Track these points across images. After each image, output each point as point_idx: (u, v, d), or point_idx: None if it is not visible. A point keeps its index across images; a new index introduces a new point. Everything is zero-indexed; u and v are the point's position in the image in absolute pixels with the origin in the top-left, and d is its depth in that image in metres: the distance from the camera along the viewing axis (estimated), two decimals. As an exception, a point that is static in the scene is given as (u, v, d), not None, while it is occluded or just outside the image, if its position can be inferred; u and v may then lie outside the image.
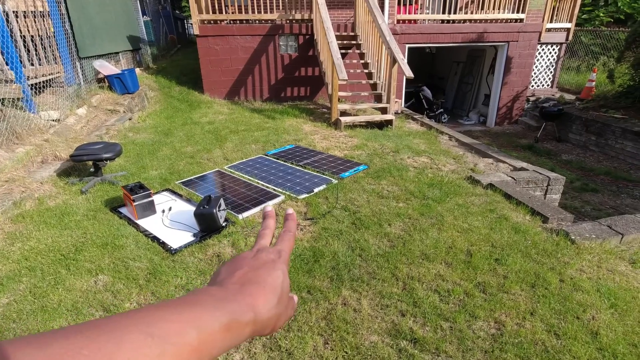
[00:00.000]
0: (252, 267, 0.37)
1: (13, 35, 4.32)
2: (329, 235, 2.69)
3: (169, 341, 0.26)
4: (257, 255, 0.39)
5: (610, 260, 2.51)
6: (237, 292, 0.33)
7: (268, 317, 0.34)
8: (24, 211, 2.97)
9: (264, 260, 0.38)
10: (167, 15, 12.85)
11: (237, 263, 0.37)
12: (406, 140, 5.02)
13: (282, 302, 0.36)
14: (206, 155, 4.37)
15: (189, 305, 0.29)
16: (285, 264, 0.39)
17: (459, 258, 2.47)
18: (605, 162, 6.72)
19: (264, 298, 0.34)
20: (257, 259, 0.38)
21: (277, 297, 0.35)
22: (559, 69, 8.89)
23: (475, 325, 1.94)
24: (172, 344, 0.26)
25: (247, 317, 0.32)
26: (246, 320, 0.32)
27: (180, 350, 0.26)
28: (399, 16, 7.44)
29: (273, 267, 0.37)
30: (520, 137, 8.04)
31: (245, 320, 0.32)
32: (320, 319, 1.97)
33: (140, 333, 0.25)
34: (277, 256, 0.39)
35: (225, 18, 6.77)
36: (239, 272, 0.36)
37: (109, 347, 0.23)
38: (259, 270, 0.36)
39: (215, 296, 0.32)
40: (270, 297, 0.35)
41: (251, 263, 0.37)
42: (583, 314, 2.01)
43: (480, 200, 3.31)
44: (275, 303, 0.35)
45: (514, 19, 7.76)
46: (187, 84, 7.68)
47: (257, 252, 0.39)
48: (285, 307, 0.37)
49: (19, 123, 4.00)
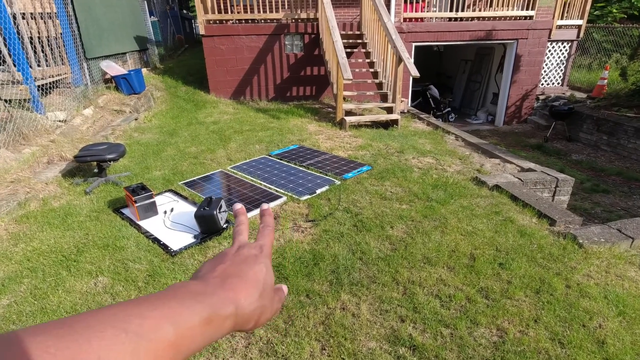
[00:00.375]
0: (234, 262, 0.37)
1: (20, 36, 4.37)
2: (329, 238, 2.66)
3: (144, 337, 0.25)
4: (238, 251, 0.39)
5: (620, 265, 2.44)
6: (217, 286, 0.33)
7: (250, 311, 0.34)
8: (28, 212, 3.00)
9: (246, 255, 0.38)
10: (174, 15, 12.93)
11: (219, 259, 0.37)
12: (411, 140, 4.96)
13: (265, 295, 0.36)
14: (210, 155, 4.37)
15: (167, 299, 0.29)
16: (268, 257, 0.39)
17: (462, 262, 2.42)
18: (617, 162, 6.56)
19: (246, 291, 0.34)
20: (238, 255, 0.38)
21: (259, 290, 0.35)
22: (569, 67, 8.70)
23: (476, 332, 1.89)
24: (147, 340, 0.25)
25: (227, 311, 0.31)
26: (227, 313, 0.31)
27: (156, 346, 0.26)
28: (405, 14, 7.36)
29: (255, 261, 0.37)
30: (529, 136, 7.90)
31: (226, 313, 0.31)
32: (318, 324, 1.94)
33: (114, 329, 0.24)
34: (259, 251, 0.39)
35: (231, 18, 6.77)
36: (220, 267, 0.36)
37: (78, 345, 0.23)
38: (241, 265, 0.36)
39: (194, 290, 0.31)
40: (252, 290, 0.34)
41: (233, 258, 0.37)
42: (589, 322, 1.95)
43: (485, 202, 3.24)
44: (258, 296, 0.34)
45: (523, 16, 7.61)
46: (193, 84, 7.71)
47: (239, 248, 0.39)
48: (270, 300, 0.36)
49: (25, 124, 4.04)
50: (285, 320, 1.96)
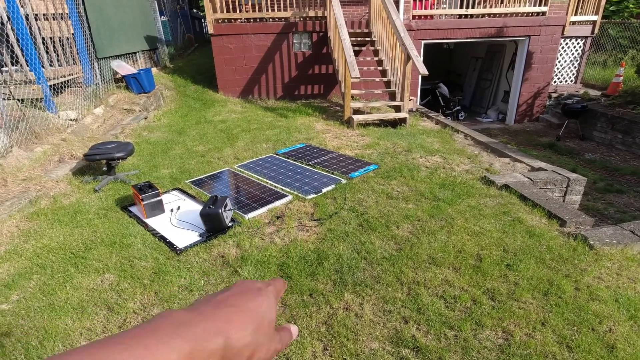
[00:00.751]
0: (234, 292, 0.34)
1: (33, 37, 4.45)
2: (334, 237, 2.65)
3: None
4: (244, 282, 0.36)
5: (632, 267, 2.38)
6: (206, 315, 0.30)
7: (241, 345, 0.30)
8: (39, 209, 3.05)
9: (249, 286, 0.35)
10: (184, 14, 13.03)
11: (224, 289, 0.35)
12: (419, 139, 4.91)
13: (261, 331, 0.32)
14: (217, 154, 4.40)
15: (142, 337, 0.26)
16: (273, 295, 0.36)
17: (468, 263, 2.38)
18: (632, 161, 6.39)
19: (239, 323, 0.31)
20: (241, 285, 0.35)
21: (255, 324, 0.32)
22: (583, 64, 8.51)
23: (481, 334, 1.86)
24: None
25: (214, 344, 0.28)
26: (213, 347, 0.28)
27: None
28: (414, 12, 7.28)
29: (257, 294, 0.34)
30: (540, 135, 7.75)
31: (212, 347, 0.28)
32: (320, 324, 1.93)
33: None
34: (265, 285, 0.37)
35: (240, 17, 6.80)
36: (220, 296, 0.33)
37: None
38: (241, 295, 0.34)
39: (177, 321, 0.28)
40: (247, 322, 0.31)
41: (235, 290, 0.34)
42: (599, 326, 1.90)
43: (493, 201, 3.19)
44: (252, 330, 0.31)
45: (535, 12, 7.46)
46: (202, 83, 7.77)
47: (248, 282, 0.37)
48: (268, 338, 0.33)
49: (38, 123, 4.12)
50: (287, 320, 1.96)
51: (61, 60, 5.05)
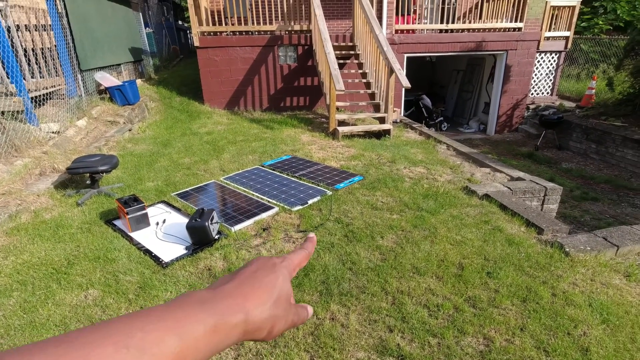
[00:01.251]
0: (250, 270, 0.36)
1: (15, 48, 4.40)
2: (320, 248, 2.69)
3: (147, 352, 0.25)
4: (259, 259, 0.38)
5: (605, 273, 2.49)
6: (226, 293, 0.32)
7: (261, 319, 0.33)
8: (19, 224, 2.99)
9: (264, 263, 0.37)
10: (170, 26, 13.05)
11: (241, 268, 0.37)
12: (403, 150, 5.02)
13: (279, 305, 0.35)
14: (203, 166, 4.40)
15: (171, 310, 0.28)
16: (288, 269, 0.38)
17: (450, 271, 2.45)
18: (605, 170, 6.67)
19: (257, 299, 0.33)
20: (258, 263, 0.38)
21: (272, 298, 0.34)
22: (558, 77, 8.88)
23: (463, 341, 1.91)
24: (150, 355, 0.25)
25: (236, 318, 0.31)
26: (235, 321, 0.31)
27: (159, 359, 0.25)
28: (397, 26, 7.50)
29: (272, 270, 0.37)
30: (520, 145, 8.02)
31: (234, 321, 0.30)
32: (307, 335, 1.96)
33: (114, 345, 0.24)
34: (281, 261, 0.39)
35: (226, 30, 6.87)
36: (237, 276, 0.35)
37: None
38: (257, 272, 0.36)
39: (201, 298, 0.31)
40: (265, 297, 0.34)
41: (252, 267, 0.37)
42: (574, 330, 1.98)
43: (475, 211, 3.29)
44: (271, 304, 0.34)
45: (512, 27, 7.79)
46: (187, 95, 7.76)
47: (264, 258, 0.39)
48: (285, 311, 0.35)
49: (18, 136, 4.05)
50: (274, 332, 1.98)
51: (43, 71, 5.00)
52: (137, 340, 0.25)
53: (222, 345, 0.30)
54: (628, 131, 6.57)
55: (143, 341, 0.25)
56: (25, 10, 4.76)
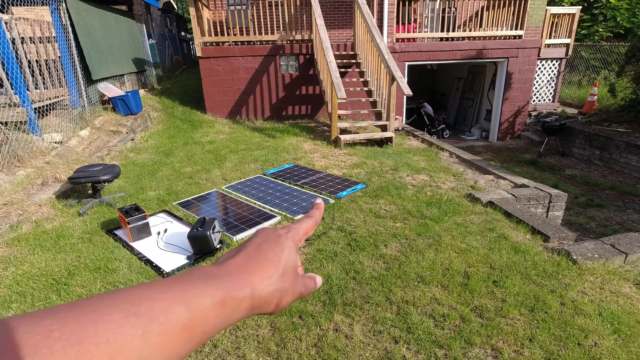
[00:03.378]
0: (256, 244, 0.36)
1: (19, 60, 4.45)
2: (323, 258, 2.65)
3: (155, 320, 0.25)
4: (264, 231, 0.38)
5: (614, 281, 2.43)
6: (232, 268, 0.32)
7: (268, 293, 0.32)
8: (20, 234, 2.98)
9: (269, 235, 0.37)
10: (172, 37, 13.20)
11: (246, 242, 0.36)
12: (406, 157, 5.00)
13: (285, 278, 0.34)
14: (205, 175, 4.39)
15: (178, 283, 0.28)
16: (293, 240, 0.38)
17: (456, 280, 2.40)
18: (610, 176, 6.61)
19: (263, 273, 0.33)
20: (263, 236, 0.37)
21: (278, 272, 0.34)
22: (559, 84, 8.89)
23: (471, 352, 1.87)
24: (159, 323, 0.25)
25: (242, 293, 0.30)
26: (242, 295, 0.30)
27: (168, 329, 0.25)
28: (398, 35, 7.55)
29: (277, 242, 0.36)
30: (523, 152, 7.98)
31: (241, 295, 0.30)
32: (310, 346, 1.91)
33: (123, 312, 0.24)
34: (286, 232, 0.38)
35: (228, 40, 6.93)
36: (243, 250, 0.35)
37: (83, 329, 0.22)
38: (262, 245, 0.35)
39: (208, 273, 0.31)
40: (271, 271, 0.33)
41: (257, 240, 0.36)
42: (585, 340, 1.93)
43: (479, 218, 3.25)
44: (277, 278, 0.33)
45: (512, 35, 7.82)
46: (190, 104, 7.80)
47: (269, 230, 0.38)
48: (291, 283, 0.35)
49: (21, 146, 4.06)
50: (277, 343, 1.94)
51: (47, 82, 5.04)
52: (145, 309, 0.25)
53: (231, 319, 0.30)
54: (632, 137, 6.53)
55: (151, 310, 0.25)
56: (30, 23, 4.82)
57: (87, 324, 0.22)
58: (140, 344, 0.23)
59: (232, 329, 2.03)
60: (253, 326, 2.05)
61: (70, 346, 0.21)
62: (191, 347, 0.27)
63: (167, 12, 13.89)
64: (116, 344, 0.22)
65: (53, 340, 0.21)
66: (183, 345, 0.26)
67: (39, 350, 0.20)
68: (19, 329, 0.21)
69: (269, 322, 2.08)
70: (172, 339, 0.25)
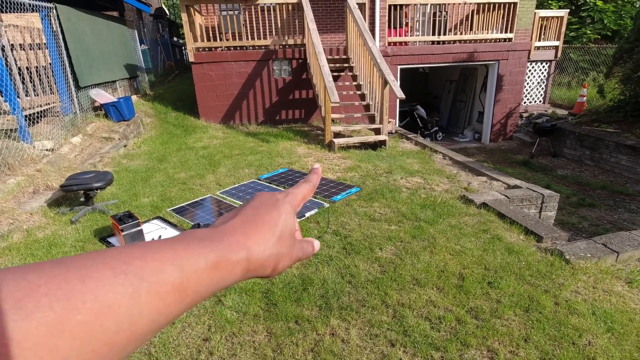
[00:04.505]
0: (252, 206, 0.35)
1: (9, 67, 4.41)
2: (318, 262, 2.65)
3: (146, 279, 0.24)
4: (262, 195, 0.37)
5: (606, 280, 2.46)
6: (228, 231, 0.31)
7: (264, 257, 0.32)
8: (11, 244, 2.93)
9: (266, 199, 0.36)
10: (165, 43, 13.17)
11: (242, 206, 0.36)
12: (400, 160, 5.02)
13: (282, 242, 0.33)
14: (199, 180, 4.37)
15: (172, 243, 0.27)
16: (291, 204, 0.37)
17: (451, 282, 2.41)
18: (601, 176, 6.71)
19: (259, 235, 0.32)
20: (260, 199, 0.36)
21: (275, 236, 0.33)
22: (550, 86, 9.01)
23: (467, 354, 1.87)
24: (149, 282, 0.24)
25: (237, 256, 0.30)
26: (236, 258, 0.30)
27: (158, 288, 0.24)
28: (389, 39, 7.61)
29: (274, 206, 0.35)
30: (515, 153, 8.06)
31: (236, 258, 0.29)
32: (307, 351, 1.90)
33: (112, 270, 0.23)
34: (283, 196, 0.37)
35: (220, 45, 6.93)
36: (239, 214, 0.34)
37: (71, 285, 0.21)
38: (259, 209, 0.34)
39: (201, 236, 0.30)
40: (267, 235, 0.32)
41: (254, 204, 0.35)
42: (579, 340, 1.95)
43: (473, 220, 3.27)
44: (274, 242, 0.33)
45: (502, 38, 7.92)
46: (183, 110, 7.78)
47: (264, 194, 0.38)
48: (288, 248, 0.34)
49: (11, 154, 4.02)
50: (273, 349, 1.93)
51: (38, 89, 4.99)
52: (135, 268, 0.24)
53: (225, 282, 0.29)
54: (621, 137, 6.63)
55: (142, 269, 0.24)
56: (20, 30, 4.78)
57: (75, 280, 0.21)
58: (129, 302, 0.23)
59: (228, 336, 2.02)
60: (249, 332, 2.04)
61: (57, 301, 0.20)
62: (183, 308, 0.26)
63: (159, 18, 13.86)
64: (104, 301, 0.22)
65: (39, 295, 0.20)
66: (174, 305, 0.26)
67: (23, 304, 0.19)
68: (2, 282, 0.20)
69: (265, 328, 2.07)
70: (162, 299, 0.25)
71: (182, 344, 1.96)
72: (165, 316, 0.25)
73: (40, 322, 0.19)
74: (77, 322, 0.20)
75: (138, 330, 0.23)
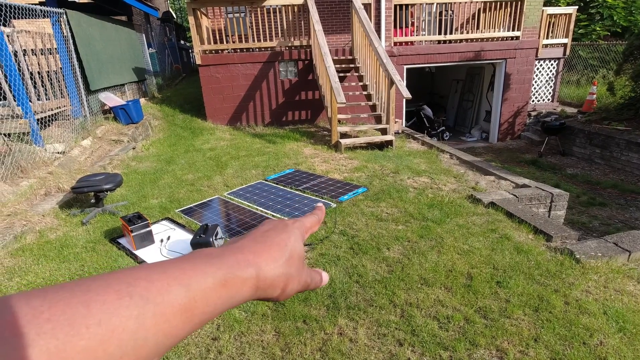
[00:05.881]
0: (262, 230, 0.35)
1: (21, 72, 4.49)
2: (326, 262, 2.66)
3: (151, 301, 0.24)
4: (271, 221, 0.37)
5: (618, 279, 2.43)
6: (236, 249, 0.31)
7: (273, 276, 0.31)
8: (24, 245, 2.99)
9: (276, 224, 0.36)
10: (172, 46, 13.30)
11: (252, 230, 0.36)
12: (406, 160, 5.01)
13: (292, 263, 0.33)
14: (207, 182, 4.41)
15: (176, 263, 0.27)
16: (299, 229, 0.37)
17: (459, 282, 2.40)
18: (611, 174, 6.61)
19: (268, 255, 0.32)
20: (270, 224, 0.36)
21: (285, 256, 0.33)
22: (558, 83, 8.91)
23: (476, 354, 1.86)
24: (155, 304, 0.24)
25: (246, 273, 0.29)
26: (245, 275, 0.29)
27: (164, 310, 0.24)
28: (395, 39, 7.60)
29: (284, 229, 0.35)
30: (523, 152, 7.98)
31: (245, 275, 0.29)
32: (315, 351, 1.91)
33: (116, 293, 0.23)
34: (293, 222, 0.38)
35: (227, 47, 6.98)
36: (248, 236, 0.34)
37: (75, 310, 0.21)
38: (268, 232, 0.35)
39: (209, 254, 0.29)
40: (277, 255, 0.32)
41: (263, 228, 0.36)
42: (590, 339, 1.93)
43: (481, 219, 3.25)
44: (283, 262, 0.32)
45: (510, 36, 7.86)
46: (190, 112, 7.85)
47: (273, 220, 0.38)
48: (297, 270, 0.34)
49: (24, 157, 4.09)
50: (282, 348, 1.94)
51: (49, 93, 5.08)
52: (140, 289, 0.24)
53: (233, 301, 0.29)
54: (632, 135, 6.53)
55: (147, 290, 0.24)
56: (31, 35, 4.88)
57: (79, 305, 0.21)
58: (134, 325, 0.22)
59: (236, 335, 2.03)
60: (257, 332, 2.06)
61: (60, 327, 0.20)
62: (190, 329, 0.26)
63: (167, 22, 14.01)
64: (109, 326, 0.21)
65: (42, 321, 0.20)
66: (181, 326, 0.25)
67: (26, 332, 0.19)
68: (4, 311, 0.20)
69: (274, 328, 2.08)
70: (169, 320, 0.24)
71: (192, 343, 1.98)
72: (172, 338, 0.25)
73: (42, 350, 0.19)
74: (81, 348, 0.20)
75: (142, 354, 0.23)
